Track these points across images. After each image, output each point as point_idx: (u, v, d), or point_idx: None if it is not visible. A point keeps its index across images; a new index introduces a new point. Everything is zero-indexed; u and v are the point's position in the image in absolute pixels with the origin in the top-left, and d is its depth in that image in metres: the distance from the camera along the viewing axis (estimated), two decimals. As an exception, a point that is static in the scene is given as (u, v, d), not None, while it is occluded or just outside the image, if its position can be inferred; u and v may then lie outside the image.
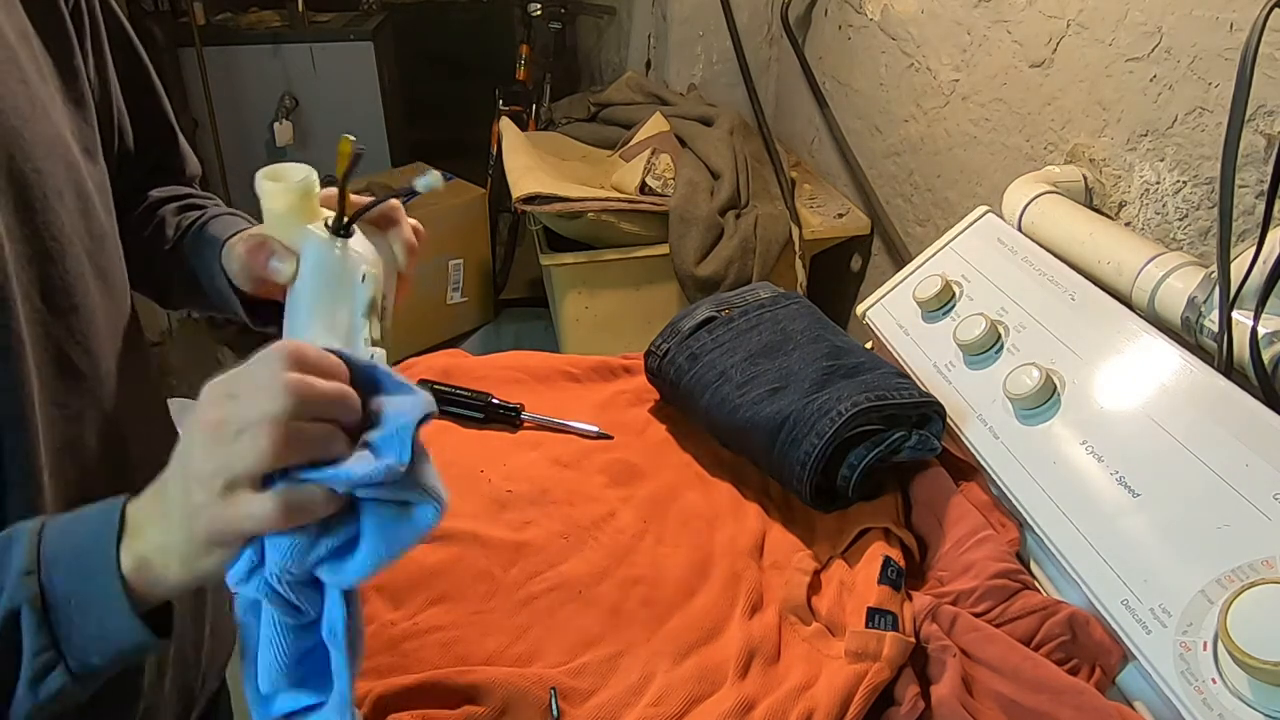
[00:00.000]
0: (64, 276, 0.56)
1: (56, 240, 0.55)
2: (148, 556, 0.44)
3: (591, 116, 2.05)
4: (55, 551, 0.45)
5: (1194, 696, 0.55)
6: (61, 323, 0.56)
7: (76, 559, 0.45)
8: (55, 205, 0.55)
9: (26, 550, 0.45)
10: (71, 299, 0.57)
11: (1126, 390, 0.72)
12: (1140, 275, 0.82)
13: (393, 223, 0.62)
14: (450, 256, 2.52)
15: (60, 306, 0.56)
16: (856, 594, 0.70)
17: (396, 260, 0.62)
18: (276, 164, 0.58)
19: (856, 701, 0.60)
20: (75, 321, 0.57)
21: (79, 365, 0.58)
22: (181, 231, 0.72)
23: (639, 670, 0.64)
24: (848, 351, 0.84)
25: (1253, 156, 0.81)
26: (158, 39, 2.70)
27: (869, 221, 1.64)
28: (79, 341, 0.58)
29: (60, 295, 0.56)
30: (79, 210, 0.58)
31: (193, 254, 0.70)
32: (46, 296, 0.55)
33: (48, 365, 0.55)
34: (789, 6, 1.90)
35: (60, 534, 0.46)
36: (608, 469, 0.85)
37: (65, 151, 0.58)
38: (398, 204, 0.61)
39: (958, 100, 1.32)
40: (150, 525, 0.45)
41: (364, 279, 0.58)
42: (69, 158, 0.58)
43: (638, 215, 1.57)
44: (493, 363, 1.00)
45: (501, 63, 2.85)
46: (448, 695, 0.59)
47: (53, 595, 0.44)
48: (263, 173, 0.57)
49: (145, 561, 0.44)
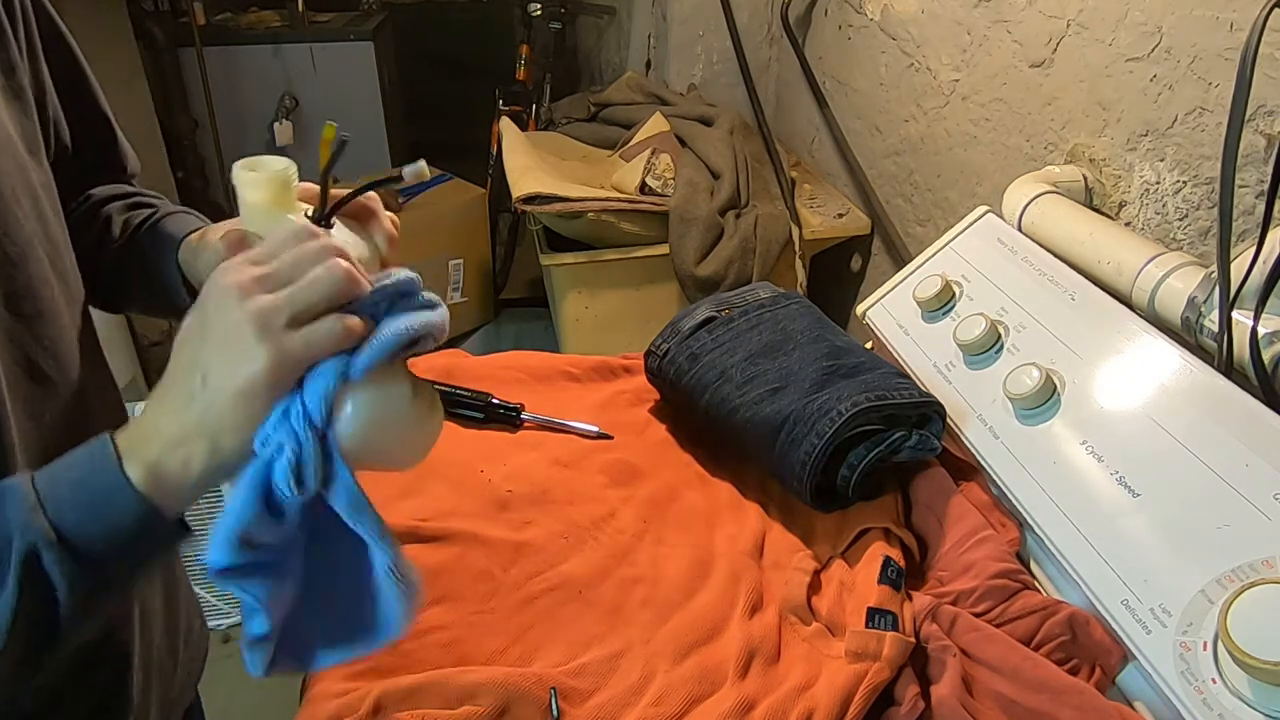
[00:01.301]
0: (27, 281, 0.54)
1: (16, 244, 0.53)
2: (160, 460, 0.44)
3: (591, 116, 2.05)
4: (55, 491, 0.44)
5: (1194, 696, 0.55)
6: (27, 329, 0.54)
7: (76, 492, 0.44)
8: (13, 207, 0.53)
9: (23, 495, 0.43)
10: (36, 304, 0.55)
11: (1126, 390, 0.72)
12: (1140, 275, 0.82)
13: (371, 214, 0.61)
14: (450, 256, 2.52)
15: (25, 312, 0.54)
16: (856, 594, 0.70)
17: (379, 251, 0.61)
18: (255, 155, 0.57)
19: (856, 701, 0.60)
20: (41, 327, 0.55)
21: (48, 372, 0.56)
22: (131, 230, 0.69)
23: (639, 670, 0.64)
24: (848, 351, 0.84)
25: (1253, 156, 0.81)
26: (158, 39, 2.70)
27: (869, 221, 1.64)
28: (46, 347, 0.56)
29: (24, 300, 0.54)
30: (34, 212, 0.56)
31: (147, 252, 0.68)
32: (10, 302, 0.53)
33: (17, 373, 0.53)
34: (789, 6, 1.90)
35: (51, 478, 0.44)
36: (608, 469, 0.85)
37: (15, 151, 0.56)
38: (375, 196, 0.61)
39: (958, 100, 1.32)
40: (160, 423, 0.44)
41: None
42: (18, 158, 0.56)
43: (638, 215, 1.57)
44: (493, 363, 1.00)
45: (501, 63, 2.85)
46: (448, 695, 0.59)
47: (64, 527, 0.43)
48: (240, 163, 0.56)
49: (158, 467, 0.44)
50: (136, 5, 2.74)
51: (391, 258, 0.62)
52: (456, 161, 2.76)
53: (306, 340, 0.44)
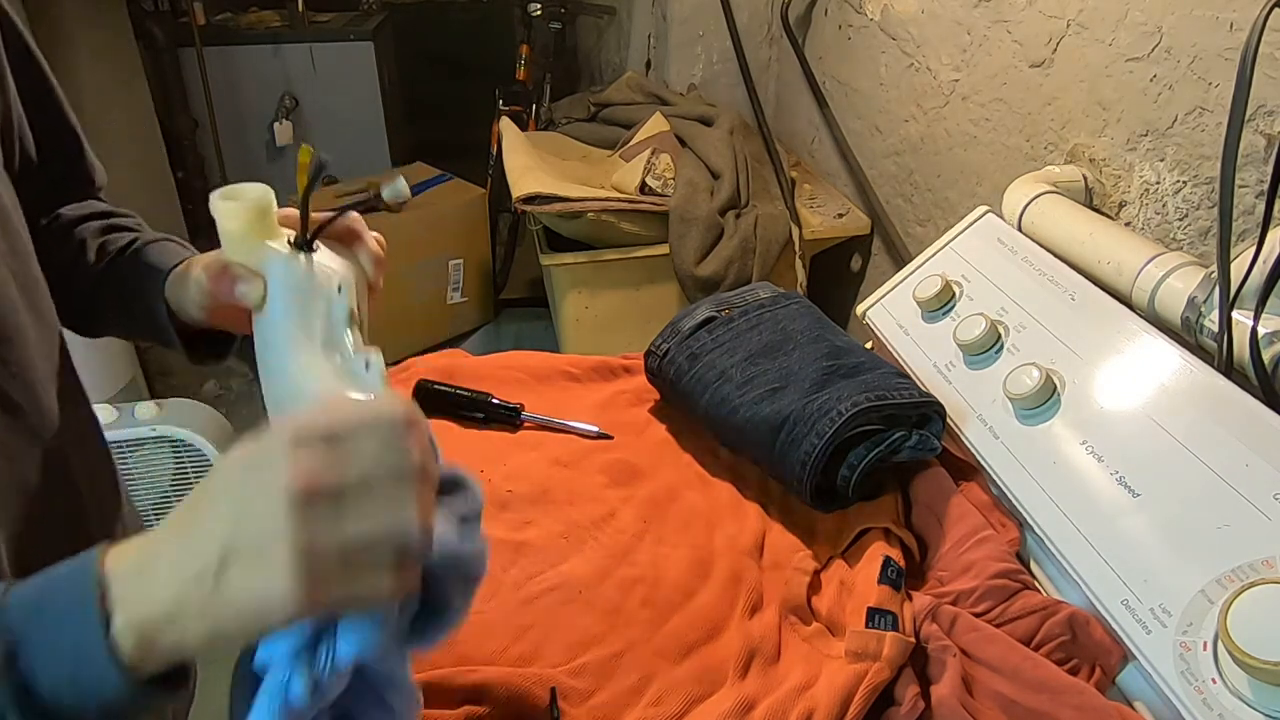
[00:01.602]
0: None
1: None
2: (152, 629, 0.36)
3: (591, 116, 2.05)
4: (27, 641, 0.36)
5: (1194, 696, 0.55)
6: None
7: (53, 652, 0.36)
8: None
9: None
10: (3, 329, 0.52)
11: (1126, 390, 0.72)
12: (1140, 275, 0.82)
13: (356, 236, 0.59)
14: (450, 256, 2.52)
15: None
16: (856, 594, 0.70)
17: (365, 273, 0.59)
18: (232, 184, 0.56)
19: (856, 701, 0.60)
20: (8, 352, 0.52)
21: (18, 400, 0.53)
22: (109, 256, 0.67)
23: (639, 670, 0.64)
24: (848, 351, 0.84)
25: (1253, 156, 0.81)
26: (158, 39, 2.70)
27: (869, 221, 1.64)
28: (15, 374, 0.53)
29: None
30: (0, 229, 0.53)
31: (129, 281, 0.65)
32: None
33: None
34: (789, 6, 1.90)
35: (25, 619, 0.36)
36: (608, 469, 0.85)
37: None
38: (359, 217, 0.59)
39: (958, 100, 1.32)
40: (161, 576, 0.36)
41: (339, 290, 0.56)
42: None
43: (638, 215, 1.57)
44: (493, 363, 1.00)
45: (501, 63, 2.85)
46: (448, 695, 0.59)
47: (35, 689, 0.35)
48: (217, 193, 0.55)
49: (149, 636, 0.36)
50: (136, 5, 2.75)
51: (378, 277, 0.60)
52: (456, 161, 2.76)
53: (350, 594, 0.36)
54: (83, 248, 0.67)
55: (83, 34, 2.16)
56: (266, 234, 0.55)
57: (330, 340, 0.54)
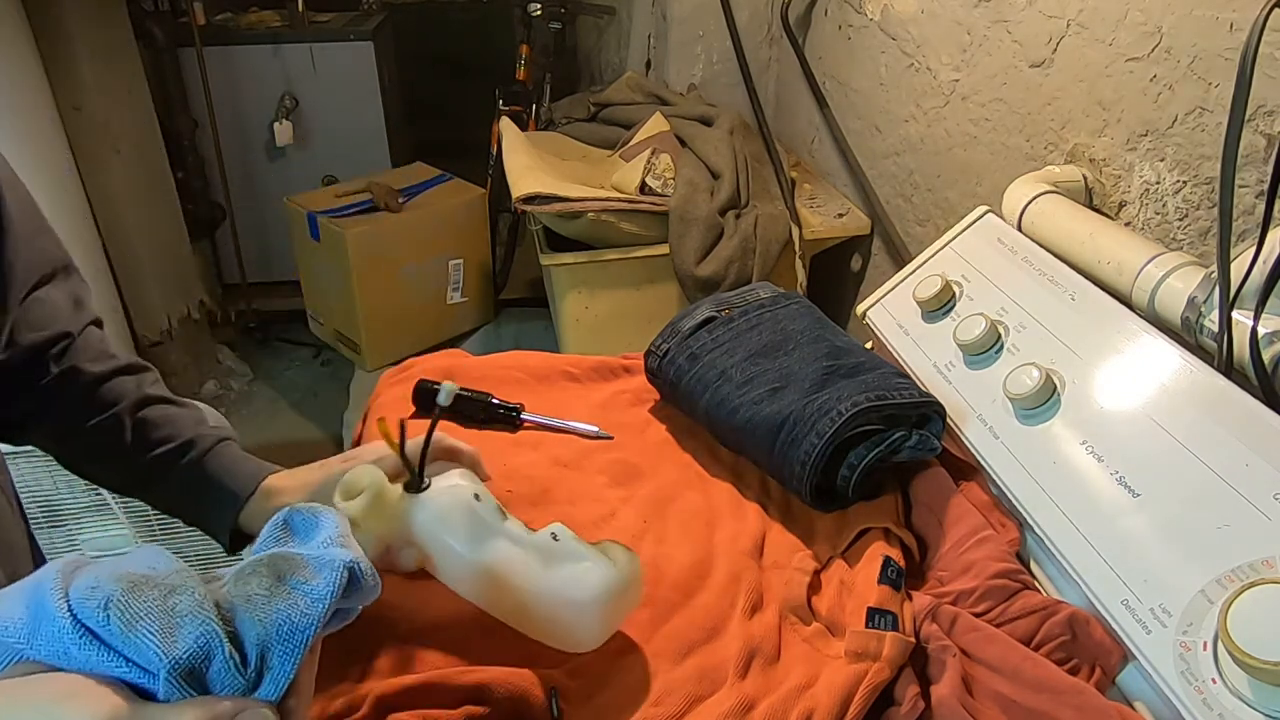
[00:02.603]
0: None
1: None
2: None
3: (591, 116, 2.05)
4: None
5: (1194, 696, 0.55)
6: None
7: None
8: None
9: None
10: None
11: (1126, 390, 0.72)
12: (1140, 275, 0.82)
13: (453, 452, 0.64)
14: (450, 256, 2.52)
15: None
16: (856, 594, 0.70)
17: (481, 474, 0.66)
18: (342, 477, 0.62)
19: (856, 701, 0.60)
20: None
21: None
22: (158, 456, 0.67)
23: (639, 670, 0.64)
24: (848, 351, 0.84)
25: (1253, 156, 0.81)
26: (158, 39, 2.70)
27: (869, 221, 1.64)
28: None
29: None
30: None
31: (189, 499, 0.67)
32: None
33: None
34: (789, 6, 1.90)
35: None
36: (608, 469, 0.85)
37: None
38: (444, 435, 0.66)
39: (958, 100, 1.32)
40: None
41: (478, 498, 0.62)
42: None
43: (638, 215, 1.57)
44: (493, 363, 1.00)
45: (501, 63, 2.85)
46: (448, 695, 0.59)
47: None
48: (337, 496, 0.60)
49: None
50: (136, 5, 2.74)
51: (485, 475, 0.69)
52: (456, 161, 2.76)
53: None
54: (120, 429, 0.67)
55: (83, 34, 2.16)
56: (389, 496, 0.61)
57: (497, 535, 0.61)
